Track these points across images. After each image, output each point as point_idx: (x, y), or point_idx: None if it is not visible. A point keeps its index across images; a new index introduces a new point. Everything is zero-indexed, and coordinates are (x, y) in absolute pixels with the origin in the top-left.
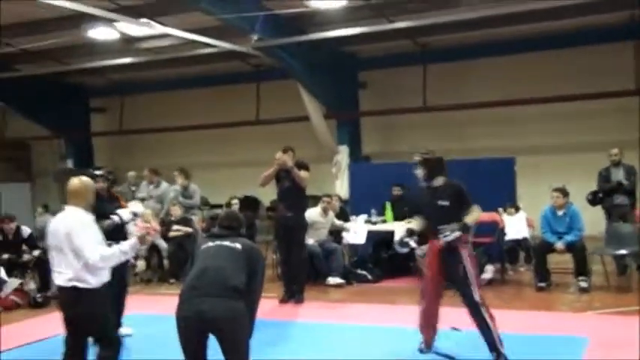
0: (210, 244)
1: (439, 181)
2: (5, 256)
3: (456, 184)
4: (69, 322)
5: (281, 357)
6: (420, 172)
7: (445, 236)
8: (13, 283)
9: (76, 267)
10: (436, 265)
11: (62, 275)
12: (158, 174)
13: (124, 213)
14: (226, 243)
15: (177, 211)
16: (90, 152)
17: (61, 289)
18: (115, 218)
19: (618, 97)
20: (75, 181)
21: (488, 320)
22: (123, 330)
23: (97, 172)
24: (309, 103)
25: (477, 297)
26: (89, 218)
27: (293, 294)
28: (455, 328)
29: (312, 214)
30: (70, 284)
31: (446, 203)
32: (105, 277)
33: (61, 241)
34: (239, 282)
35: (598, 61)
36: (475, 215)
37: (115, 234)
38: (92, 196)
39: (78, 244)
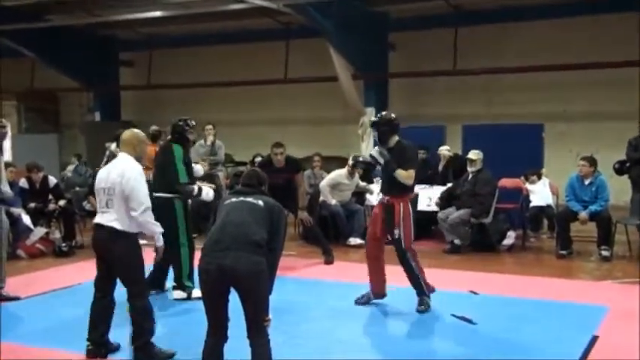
0: (234, 199)
1: (392, 141)
2: (32, 205)
3: (403, 145)
4: (102, 262)
5: (291, 312)
6: (374, 134)
7: (372, 151)
8: (39, 231)
9: (120, 210)
10: (379, 221)
11: (105, 215)
12: None
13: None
14: (249, 199)
15: (204, 167)
16: (117, 106)
17: (99, 226)
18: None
19: None
20: (127, 132)
21: (414, 265)
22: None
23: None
24: (337, 63)
25: (404, 246)
26: (141, 170)
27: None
28: (473, 292)
29: (338, 175)
30: (110, 224)
31: (388, 157)
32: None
33: (113, 183)
34: (260, 237)
35: (631, 29)
36: (403, 174)
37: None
38: (143, 148)
39: (128, 192)
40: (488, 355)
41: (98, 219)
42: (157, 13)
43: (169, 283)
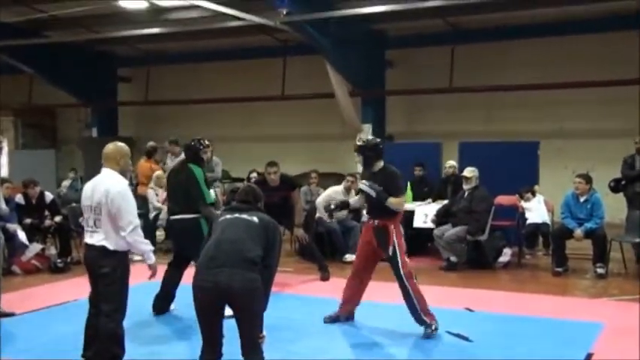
0: (228, 216)
1: (377, 166)
2: (28, 220)
3: (391, 171)
4: (95, 281)
5: (288, 329)
6: (358, 159)
7: (362, 185)
8: (35, 247)
9: (108, 230)
10: (368, 243)
11: (95, 235)
12: (178, 144)
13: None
14: (244, 216)
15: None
16: (115, 121)
17: (90, 247)
18: None
19: None
20: (109, 146)
21: (412, 293)
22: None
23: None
24: (335, 80)
25: (402, 271)
26: (126, 185)
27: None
28: (468, 309)
29: (334, 191)
30: (100, 244)
31: (379, 189)
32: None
33: (98, 202)
34: (255, 254)
35: (629, 47)
36: (395, 202)
37: None
38: (126, 162)
39: (115, 212)
40: None
41: (88, 239)
42: (155, 30)
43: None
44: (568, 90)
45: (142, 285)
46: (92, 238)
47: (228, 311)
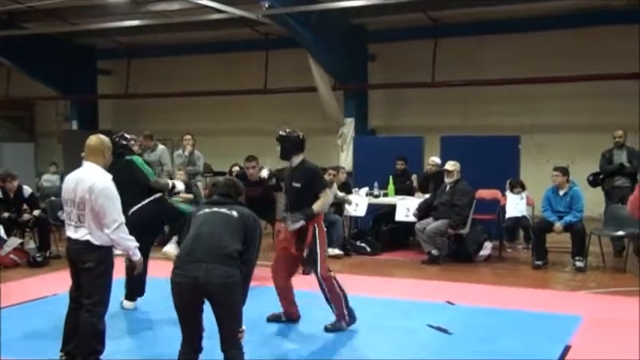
0: (207, 210)
1: (295, 161)
2: (5, 214)
3: (310, 167)
4: (76, 276)
5: (269, 323)
6: (278, 149)
7: (290, 224)
8: (13, 241)
9: (92, 226)
10: (289, 243)
11: (79, 230)
12: (152, 139)
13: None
14: (223, 210)
15: (182, 177)
16: (95, 114)
17: (74, 241)
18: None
19: (625, 80)
20: (92, 138)
21: (328, 294)
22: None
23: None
24: (317, 74)
25: (320, 272)
26: (111, 182)
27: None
28: (449, 302)
29: None
30: (84, 239)
31: (298, 185)
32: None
33: (82, 199)
34: (233, 249)
35: (607, 42)
36: (323, 202)
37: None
38: (109, 155)
39: (98, 209)
40: None
41: (72, 234)
42: (136, 22)
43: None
44: (548, 84)
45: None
46: (76, 233)
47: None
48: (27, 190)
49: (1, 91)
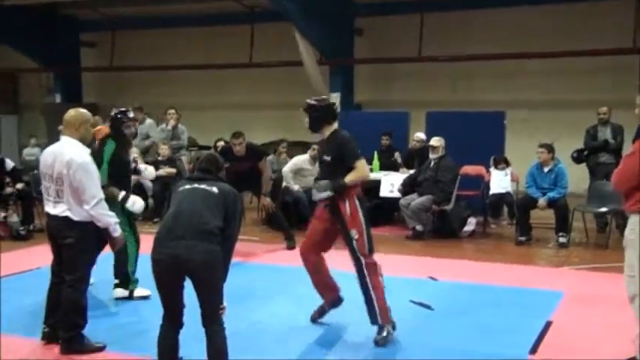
0: (187, 186)
1: (327, 131)
2: None
3: (341, 136)
4: (57, 252)
5: (251, 297)
6: (305, 121)
7: (315, 193)
8: None
9: (71, 202)
10: (322, 219)
11: (58, 206)
12: (142, 111)
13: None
14: (203, 186)
15: (165, 151)
16: (79, 87)
17: (53, 217)
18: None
19: (614, 55)
20: (70, 112)
21: (370, 287)
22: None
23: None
24: (303, 48)
25: (359, 254)
26: (89, 157)
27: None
28: (432, 278)
29: (300, 160)
30: (63, 214)
31: (328, 159)
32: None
33: (59, 174)
34: (214, 225)
35: (595, 17)
36: (356, 174)
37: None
38: (87, 129)
39: (77, 185)
40: (442, 340)
41: (51, 209)
42: None
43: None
44: (535, 60)
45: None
46: (55, 209)
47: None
48: (9, 163)
49: None
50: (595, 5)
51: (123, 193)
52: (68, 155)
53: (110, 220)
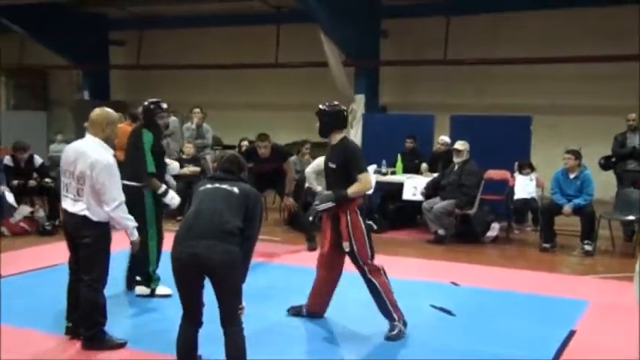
0: (209, 185)
1: (335, 138)
2: (15, 182)
3: (349, 146)
4: (75, 249)
5: (271, 298)
6: (317, 125)
7: (316, 205)
8: (24, 210)
9: (91, 202)
10: (329, 233)
11: (77, 204)
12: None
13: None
14: (224, 186)
15: (190, 150)
16: (107, 85)
17: (71, 215)
18: None
19: None
20: (96, 110)
21: (379, 287)
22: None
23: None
24: (328, 49)
25: (362, 263)
26: (112, 158)
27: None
28: (454, 283)
29: (323, 161)
30: (82, 213)
31: (333, 166)
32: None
33: (81, 173)
34: (234, 225)
35: (624, 22)
36: (359, 187)
37: None
38: (112, 129)
39: (99, 187)
40: (463, 346)
41: (69, 207)
42: None
43: None
44: (562, 65)
45: (122, 253)
46: (74, 207)
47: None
48: (38, 159)
49: (15, 59)
50: (623, 9)
51: (164, 187)
52: (92, 156)
53: (129, 223)
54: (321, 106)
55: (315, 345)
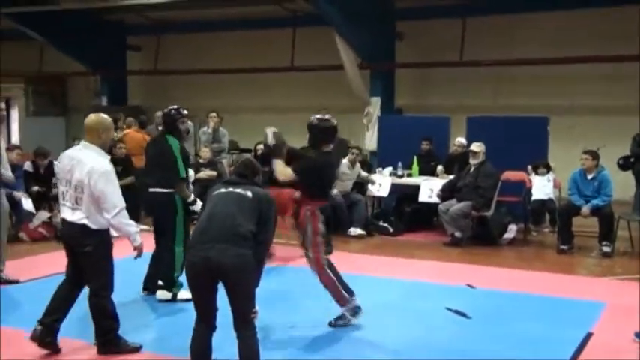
0: (223, 190)
1: (322, 150)
2: (35, 188)
3: (319, 160)
4: (73, 258)
5: (286, 300)
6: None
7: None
8: (42, 215)
9: (90, 210)
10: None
11: (76, 213)
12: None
13: None
14: (238, 190)
15: (206, 154)
16: (124, 90)
17: (69, 224)
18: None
19: None
20: (91, 117)
21: (323, 278)
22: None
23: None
24: (344, 52)
25: (312, 255)
26: (110, 165)
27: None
28: (470, 285)
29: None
30: (81, 222)
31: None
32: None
33: (79, 181)
34: (247, 229)
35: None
36: (280, 168)
37: None
38: (108, 136)
39: (98, 195)
40: (478, 349)
41: (68, 216)
42: None
43: None
44: (580, 65)
45: (124, 260)
46: (73, 216)
47: None
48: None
49: (35, 66)
50: (631, 10)
51: (193, 197)
52: (89, 164)
53: (131, 229)
54: (311, 119)
55: (329, 348)
